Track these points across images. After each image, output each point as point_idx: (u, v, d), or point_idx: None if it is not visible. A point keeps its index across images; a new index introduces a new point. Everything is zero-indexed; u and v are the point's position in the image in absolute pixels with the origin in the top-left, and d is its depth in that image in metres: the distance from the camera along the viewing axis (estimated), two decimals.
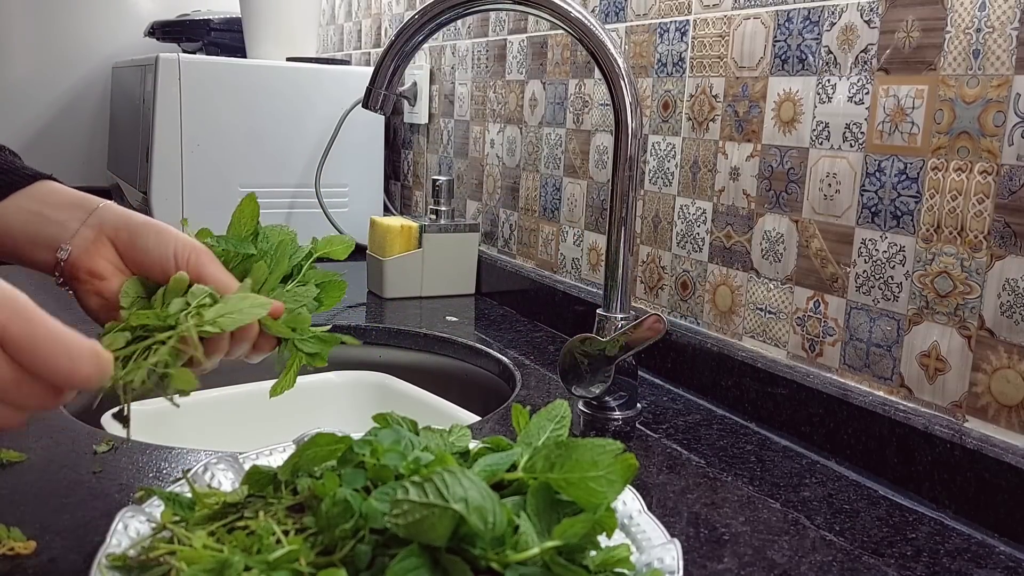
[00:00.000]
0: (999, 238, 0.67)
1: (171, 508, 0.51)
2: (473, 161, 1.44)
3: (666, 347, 0.97)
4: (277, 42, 1.78)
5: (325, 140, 1.57)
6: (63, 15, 2.08)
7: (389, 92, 0.91)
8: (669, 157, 1.00)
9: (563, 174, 1.20)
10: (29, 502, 0.61)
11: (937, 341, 0.72)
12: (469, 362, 1.09)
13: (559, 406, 0.56)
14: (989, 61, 0.67)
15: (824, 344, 0.82)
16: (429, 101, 1.58)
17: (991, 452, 0.65)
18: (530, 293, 1.25)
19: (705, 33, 0.94)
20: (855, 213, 0.78)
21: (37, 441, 0.72)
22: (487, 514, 0.42)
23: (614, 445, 0.47)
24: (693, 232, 0.97)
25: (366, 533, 0.45)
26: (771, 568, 0.58)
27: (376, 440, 0.53)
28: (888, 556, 0.61)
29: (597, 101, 1.12)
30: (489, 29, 1.37)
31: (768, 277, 0.88)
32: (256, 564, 0.43)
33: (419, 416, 0.59)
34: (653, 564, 0.49)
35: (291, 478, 0.52)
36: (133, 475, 0.67)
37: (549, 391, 0.93)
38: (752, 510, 0.67)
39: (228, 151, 1.51)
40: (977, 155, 0.68)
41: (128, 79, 1.70)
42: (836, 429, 0.77)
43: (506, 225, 1.35)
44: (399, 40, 0.88)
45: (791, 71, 0.84)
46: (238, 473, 0.59)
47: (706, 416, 0.87)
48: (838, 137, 0.80)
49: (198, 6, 2.13)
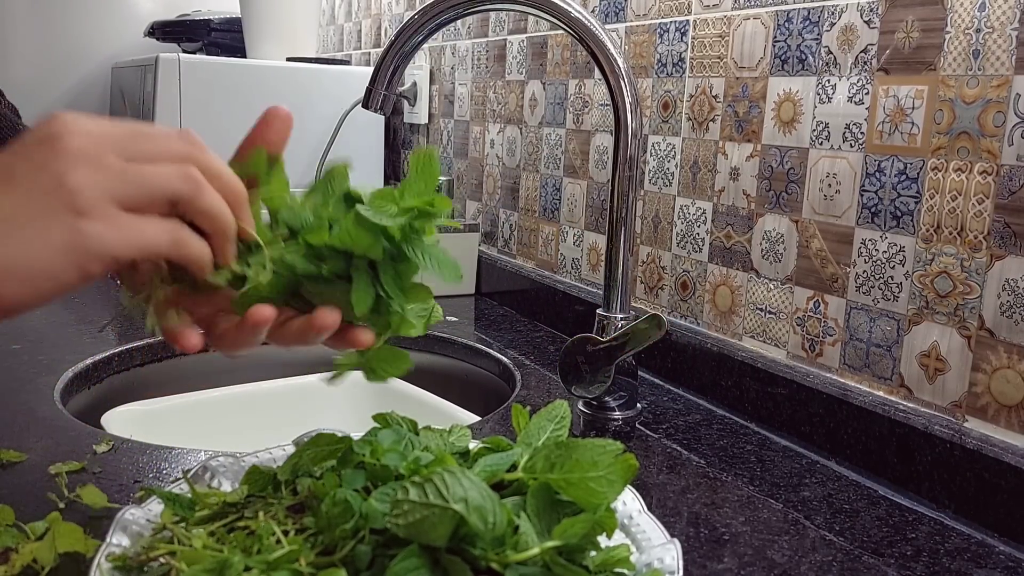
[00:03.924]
0: (999, 238, 0.67)
1: (171, 508, 0.51)
2: (473, 161, 1.44)
3: (666, 347, 0.97)
4: (277, 42, 1.78)
5: (325, 140, 1.57)
6: (63, 15, 2.08)
7: (389, 92, 0.91)
8: (669, 157, 1.00)
9: (563, 174, 1.20)
10: (29, 502, 0.61)
11: (937, 341, 0.72)
12: (469, 362, 1.09)
13: (559, 406, 0.56)
14: (989, 61, 0.67)
15: (824, 344, 0.82)
16: (429, 101, 1.58)
17: (991, 452, 0.65)
18: (530, 293, 1.25)
19: (705, 33, 0.94)
20: (855, 213, 0.78)
21: (37, 441, 0.72)
22: (487, 514, 0.42)
23: (614, 445, 0.47)
24: (693, 232, 0.97)
25: (366, 533, 0.45)
26: (771, 568, 0.58)
27: (376, 440, 0.53)
28: (888, 556, 0.61)
29: (597, 101, 1.12)
30: (489, 29, 1.37)
31: (768, 277, 0.88)
32: (256, 564, 0.43)
33: (419, 416, 0.59)
34: (653, 564, 0.49)
35: (291, 478, 0.53)
36: (133, 475, 0.67)
37: (549, 391, 0.93)
38: (752, 510, 0.67)
39: (228, 151, 1.50)
40: (977, 155, 0.68)
41: (128, 79, 1.70)
42: (836, 429, 0.77)
43: (506, 225, 1.35)
44: (399, 40, 0.88)
45: (791, 71, 0.84)
46: (238, 473, 0.59)
47: (706, 416, 0.87)
48: (838, 137, 0.80)
49: (198, 6, 2.13)
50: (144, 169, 0.44)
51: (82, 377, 0.94)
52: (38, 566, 0.52)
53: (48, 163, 0.42)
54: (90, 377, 0.95)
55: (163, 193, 0.44)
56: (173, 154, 0.45)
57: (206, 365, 1.09)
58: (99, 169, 0.42)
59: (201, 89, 1.47)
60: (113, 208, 0.42)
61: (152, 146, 0.45)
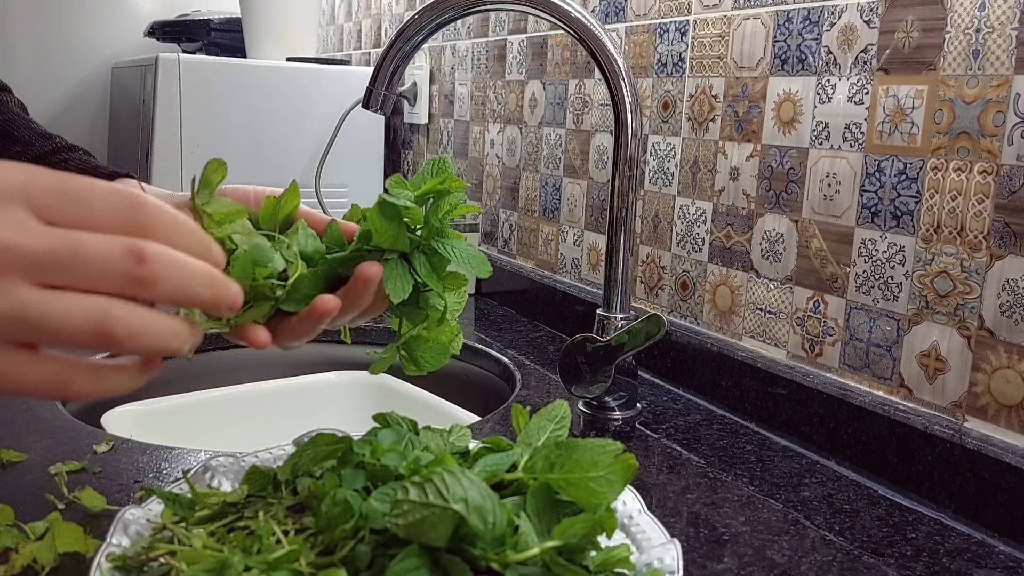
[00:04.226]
0: (999, 238, 0.67)
1: (171, 508, 0.51)
2: (473, 161, 1.44)
3: (666, 347, 0.97)
4: (277, 42, 1.78)
5: (325, 140, 1.57)
6: (63, 15, 2.08)
7: (389, 92, 0.91)
8: (669, 157, 1.00)
9: (563, 174, 1.20)
10: (29, 502, 0.61)
11: (937, 341, 0.72)
12: (469, 362, 1.09)
13: (559, 406, 0.56)
14: (989, 61, 0.67)
15: (824, 344, 0.82)
16: (429, 101, 1.58)
17: (991, 452, 0.65)
18: (530, 293, 1.25)
19: (705, 33, 0.94)
20: (855, 213, 0.78)
21: (37, 441, 0.72)
22: (487, 514, 0.42)
23: (614, 445, 0.47)
24: (693, 232, 0.97)
25: (366, 533, 0.45)
26: (771, 568, 0.58)
27: (376, 440, 0.53)
28: (888, 556, 0.61)
29: (597, 101, 1.12)
30: (489, 29, 1.37)
31: (768, 277, 0.88)
32: (256, 564, 0.43)
33: (419, 416, 0.59)
34: (653, 564, 0.49)
35: (291, 478, 0.53)
36: (133, 475, 0.67)
37: (549, 391, 0.93)
38: (752, 510, 0.67)
39: (228, 151, 1.51)
40: (977, 155, 0.68)
41: (128, 79, 1.70)
42: (836, 429, 0.77)
43: (506, 225, 1.35)
44: (399, 40, 0.88)
45: (791, 71, 0.84)
46: (238, 473, 0.59)
47: (706, 416, 0.87)
48: (838, 137, 0.80)
49: (198, 6, 2.13)
50: (52, 310, 0.35)
51: None
52: (38, 566, 0.52)
53: None
54: None
55: (65, 342, 0.36)
56: (110, 279, 0.36)
57: (206, 365, 1.09)
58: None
59: (201, 89, 1.47)
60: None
61: (82, 269, 0.36)
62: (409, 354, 0.57)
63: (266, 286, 0.48)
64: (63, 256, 0.35)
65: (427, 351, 0.57)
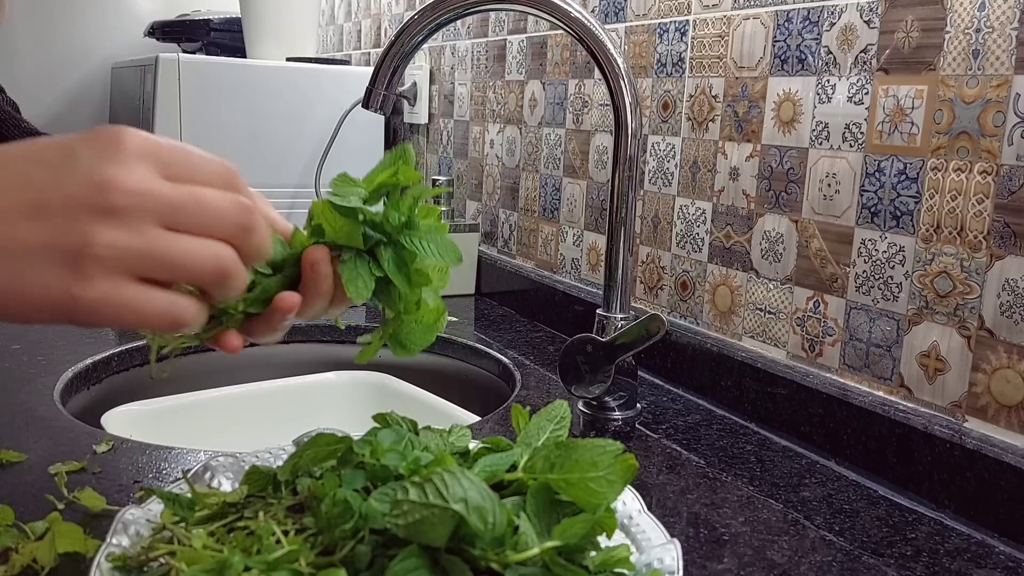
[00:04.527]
0: (999, 238, 0.67)
1: (171, 508, 0.51)
2: (473, 161, 1.44)
3: (666, 347, 0.97)
4: (277, 42, 1.78)
5: (325, 140, 1.57)
6: (63, 15, 2.08)
7: (389, 92, 0.91)
8: (669, 157, 1.00)
9: (563, 174, 1.20)
10: (29, 502, 0.61)
11: (937, 341, 0.72)
12: (469, 362, 1.09)
13: (559, 406, 0.56)
14: (989, 61, 0.67)
15: (824, 344, 0.82)
16: (429, 101, 1.58)
17: (991, 452, 0.65)
18: (530, 293, 1.25)
19: (705, 33, 0.94)
20: (855, 213, 0.78)
21: (37, 441, 0.72)
22: (487, 514, 0.42)
23: (614, 445, 0.47)
24: (693, 232, 0.97)
25: (366, 533, 0.45)
26: (771, 568, 0.58)
27: (376, 440, 0.53)
28: (888, 556, 0.61)
29: (597, 101, 1.12)
30: (489, 29, 1.37)
31: (768, 277, 0.88)
32: (256, 564, 0.43)
33: (419, 416, 0.59)
34: (653, 564, 0.49)
35: (291, 478, 0.52)
36: (133, 475, 0.67)
37: (549, 391, 0.93)
38: (752, 510, 0.67)
39: (228, 151, 1.50)
40: (977, 155, 0.68)
41: (128, 79, 1.70)
42: (836, 429, 0.77)
43: (506, 225, 1.35)
44: (399, 40, 0.88)
45: (791, 71, 0.84)
46: (238, 473, 0.59)
47: (706, 416, 0.87)
48: (838, 137, 0.80)
49: (198, 6, 2.13)
50: (179, 248, 0.41)
51: (82, 377, 0.94)
52: (38, 566, 0.52)
53: (81, 211, 0.39)
54: (90, 377, 0.95)
55: (188, 278, 0.42)
56: (224, 227, 0.43)
57: (206, 365, 1.09)
58: (132, 235, 0.40)
59: (201, 89, 1.47)
60: (123, 281, 0.40)
61: (204, 216, 0.42)
62: (394, 337, 0.56)
63: (232, 304, 0.48)
64: (189, 205, 0.42)
65: (412, 332, 0.56)
